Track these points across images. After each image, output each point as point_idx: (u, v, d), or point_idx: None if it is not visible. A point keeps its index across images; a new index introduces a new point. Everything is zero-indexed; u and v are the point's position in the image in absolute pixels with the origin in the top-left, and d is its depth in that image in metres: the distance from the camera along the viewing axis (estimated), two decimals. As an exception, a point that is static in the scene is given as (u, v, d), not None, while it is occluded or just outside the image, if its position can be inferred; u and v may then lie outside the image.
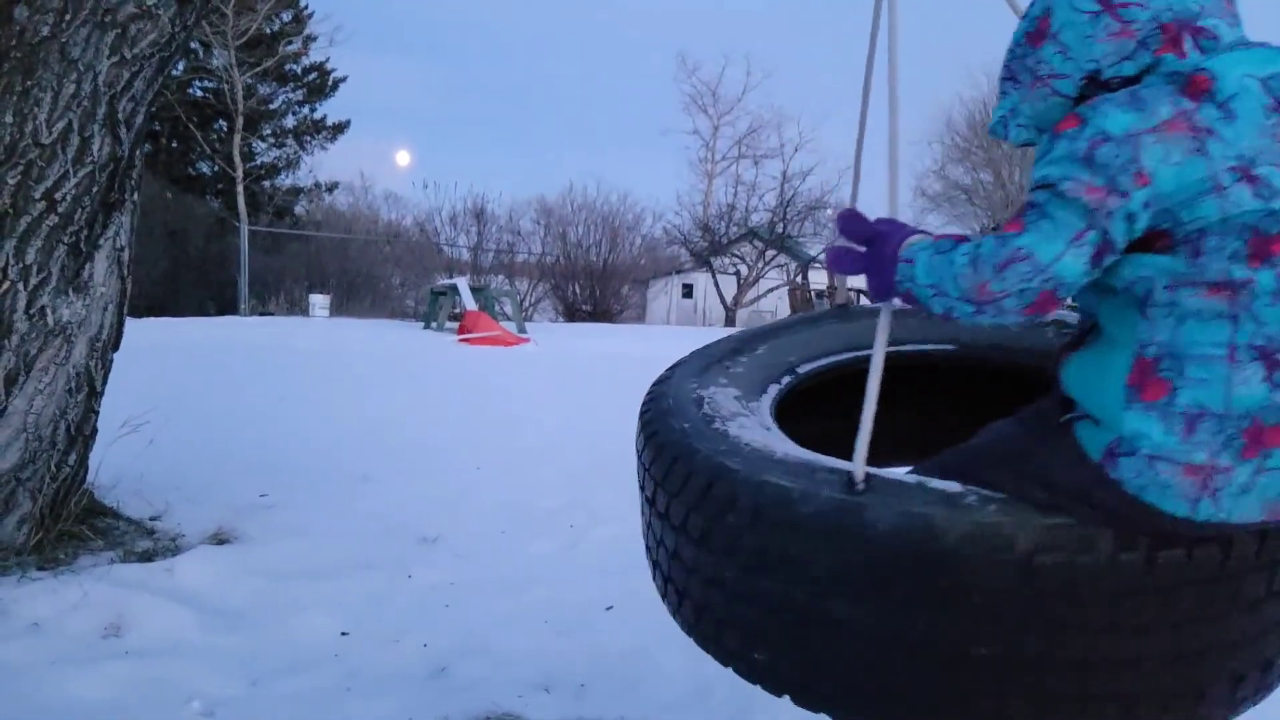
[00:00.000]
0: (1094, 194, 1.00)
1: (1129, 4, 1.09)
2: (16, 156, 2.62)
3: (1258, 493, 1.02)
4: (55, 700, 2.06)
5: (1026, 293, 1.03)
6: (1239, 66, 1.05)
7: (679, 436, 1.51)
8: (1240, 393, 1.00)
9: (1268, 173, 1.00)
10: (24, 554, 2.77)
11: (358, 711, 2.09)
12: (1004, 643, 1.10)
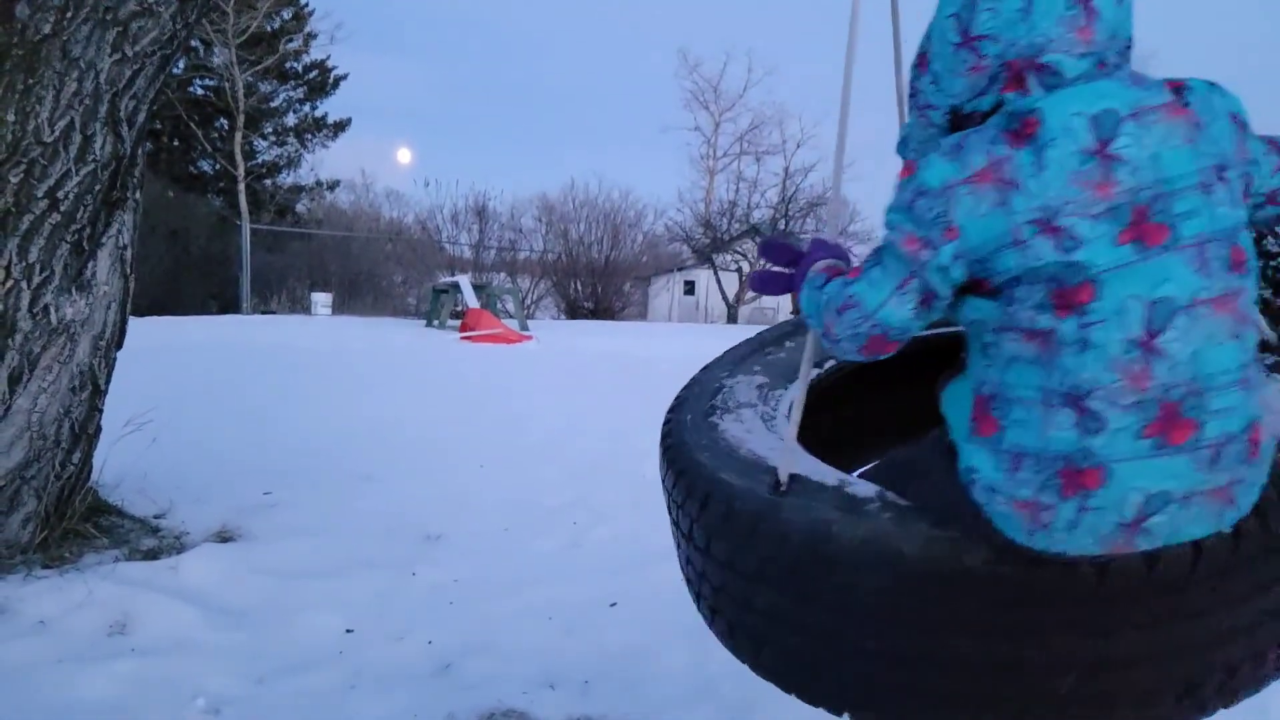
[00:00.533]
0: (912, 245, 1.06)
1: (983, 37, 1.09)
2: (19, 155, 2.62)
3: (1086, 529, 1.03)
4: (61, 699, 2.06)
5: (858, 336, 1.12)
6: (1071, 104, 1.04)
7: (678, 428, 1.59)
8: (1053, 436, 1.02)
9: (1071, 224, 1.00)
10: (29, 552, 2.78)
11: (363, 709, 2.09)
12: (890, 639, 1.18)
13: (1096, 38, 1.07)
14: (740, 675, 2.30)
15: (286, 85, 25.43)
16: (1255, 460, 1.04)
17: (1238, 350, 1.01)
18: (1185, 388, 0.99)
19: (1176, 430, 0.99)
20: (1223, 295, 1.00)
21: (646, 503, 3.87)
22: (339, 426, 5.40)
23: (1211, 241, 1.00)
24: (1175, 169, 1.01)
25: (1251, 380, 1.02)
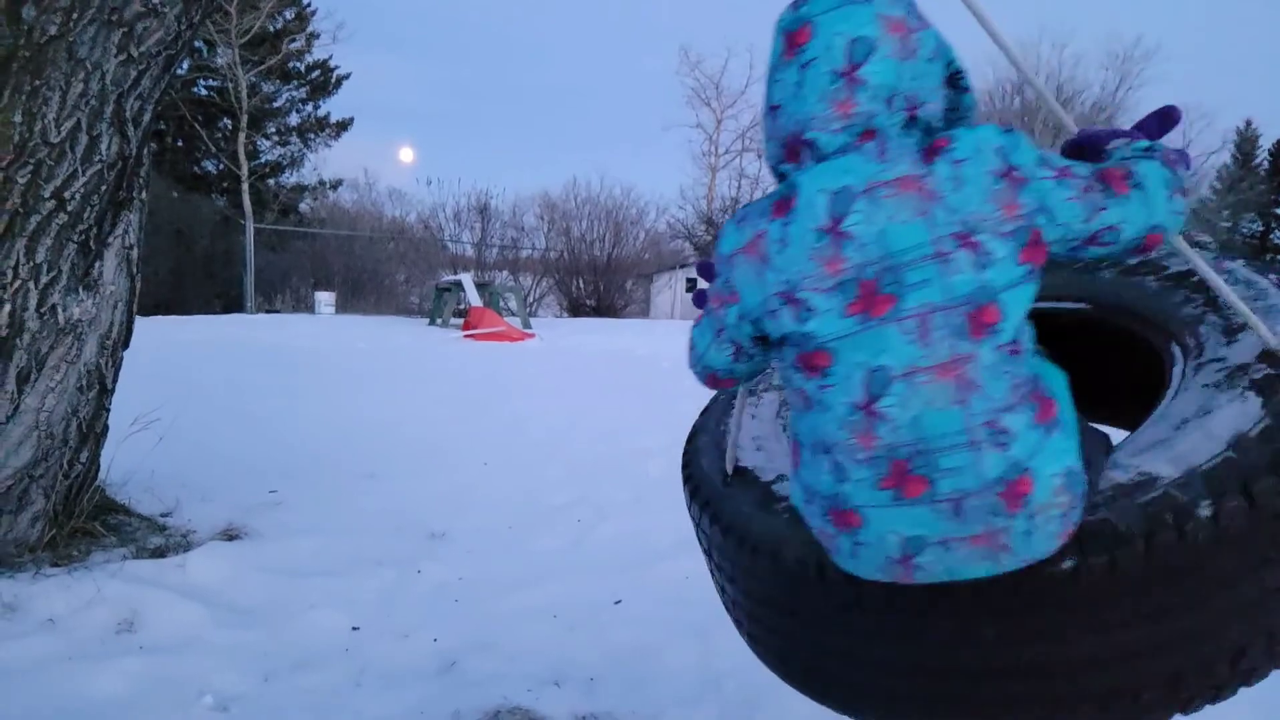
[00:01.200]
0: (716, 303, 1.22)
1: (776, 108, 1.16)
2: (26, 156, 2.63)
3: (866, 559, 1.12)
4: (71, 696, 2.08)
5: (698, 372, 1.31)
6: (818, 181, 1.10)
7: (701, 417, 1.77)
8: (821, 479, 1.13)
9: (807, 296, 1.09)
10: (38, 551, 2.79)
11: (370, 706, 2.11)
12: (783, 623, 1.39)
13: (860, 109, 1.09)
14: (744, 672, 2.31)
15: (289, 85, 25.44)
16: (1019, 512, 1.05)
17: (962, 415, 1.04)
18: (911, 448, 1.06)
19: (910, 485, 1.07)
20: (946, 363, 1.04)
21: (649, 500, 3.88)
22: (342, 425, 5.42)
23: (939, 311, 1.04)
24: (904, 242, 1.05)
25: (987, 441, 1.04)
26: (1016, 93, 25.88)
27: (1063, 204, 1.06)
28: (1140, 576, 1.08)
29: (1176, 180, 1.10)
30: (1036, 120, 24.88)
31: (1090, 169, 1.09)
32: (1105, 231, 1.07)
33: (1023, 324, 1.07)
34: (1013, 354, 1.05)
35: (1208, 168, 27.12)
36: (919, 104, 1.11)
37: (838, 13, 1.10)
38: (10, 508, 2.76)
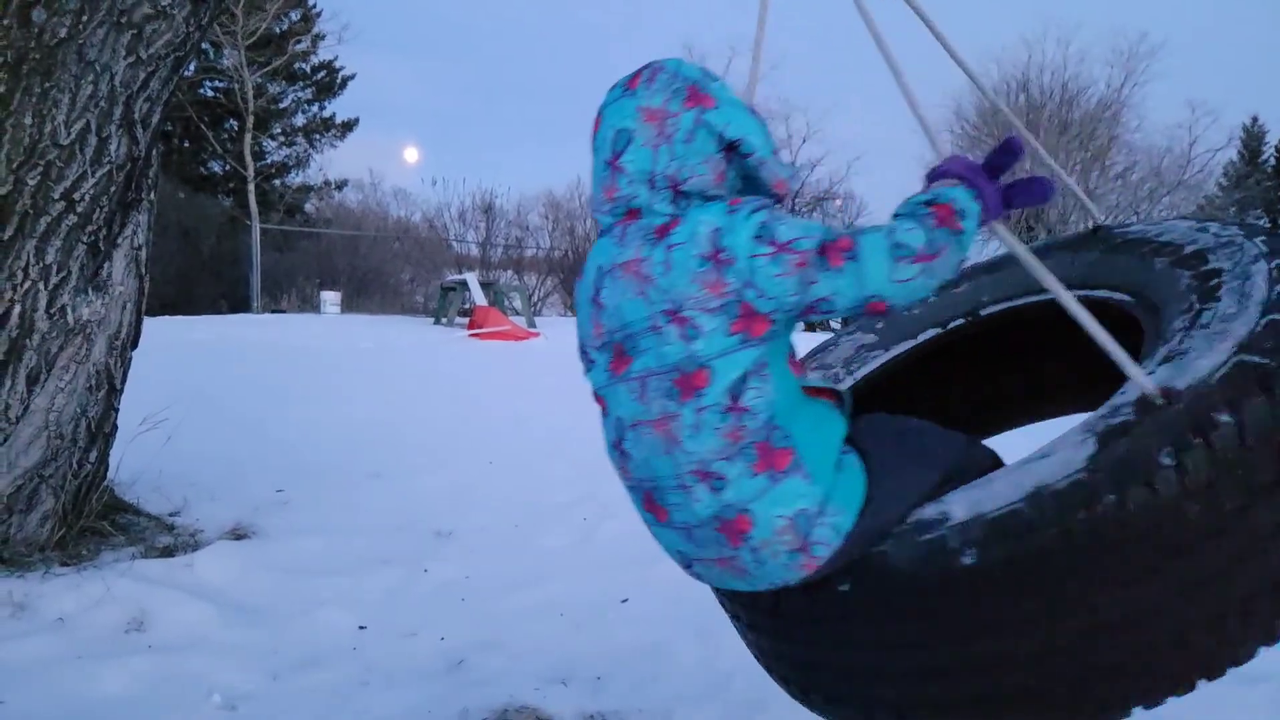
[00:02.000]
0: None
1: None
2: (36, 157, 2.65)
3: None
4: (81, 694, 2.09)
5: None
6: (595, 258, 1.32)
7: None
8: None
9: (590, 351, 1.33)
10: (47, 550, 2.81)
11: (378, 705, 2.12)
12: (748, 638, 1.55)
13: (620, 193, 1.28)
14: (752, 671, 2.32)
15: (295, 86, 25.49)
16: (740, 547, 1.21)
17: (671, 462, 1.23)
18: (650, 483, 1.28)
19: (657, 512, 1.29)
20: (659, 419, 1.22)
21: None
22: (348, 424, 5.43)
23: (654, 375, 1.22)
24: (631, 315, 1.24)
25: (698, 485, 1.21)
26: (1021, 90, 25.81)
27: (771, 280, 1.16)
28: (901, 607, 1.18)
29: (914, 246, 1.12)
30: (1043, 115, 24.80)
31: (818, 241, 1.16)
32: (819, 302, 1.16)
33: (744, 384, 1.18)
34: (727, 411, 1.18)
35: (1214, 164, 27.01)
36: (681, 180, 1.25)
37: (614, 106, 1.30)
38: (20, 507, 2.78)
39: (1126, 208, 25.70)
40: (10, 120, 2.61)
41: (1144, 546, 1.05)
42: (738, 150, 1.26)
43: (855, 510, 1.19)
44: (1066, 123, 24.94)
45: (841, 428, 1.26)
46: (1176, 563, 1.06)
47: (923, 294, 1.15)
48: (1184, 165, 25.94)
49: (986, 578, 1.10)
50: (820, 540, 1.18)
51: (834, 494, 1.19)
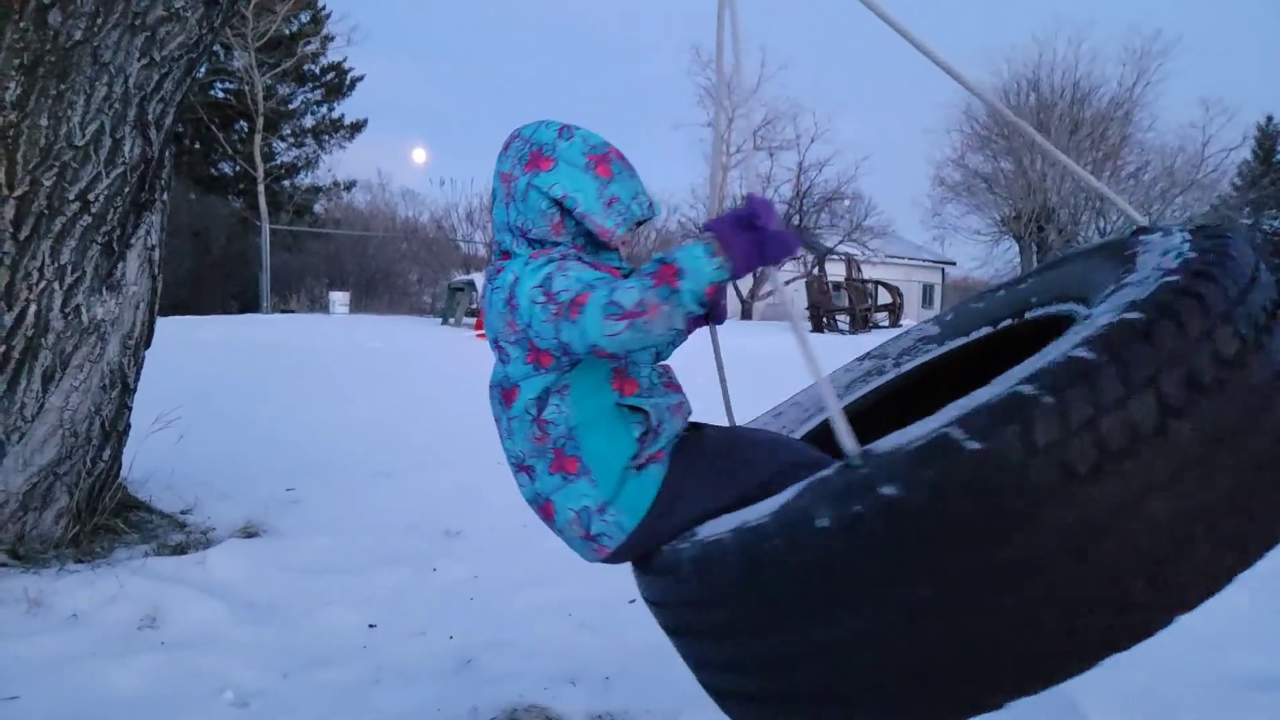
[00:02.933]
0: None
1: None
2: (51, 159, 2.67)
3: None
4: (95, 691, 2.11)
5: None
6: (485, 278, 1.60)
7: None
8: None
9: (504, 345, 1.48)
10: (62, 547, 2.84)
11: (388, 703, 2.13)
12: None
13: (495, 237, 1.57)
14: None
15: (304, 87, 25.61)
16: (553, 528, 1.55)
17: (509, 453, 1.54)
18: (513, 459, 1.56)
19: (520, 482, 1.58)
20: (497, 419, 1.54)
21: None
22: (357, 424, 5.46)
23: (494, 386, 1.54)
24: (489, 334, 1.54)
25: (522, 472, 1.53)
26: (1032, 88, 25.69)
27: (541, 324, 1.38)
28: (690, 600, 1.32)
29: (625, 305, 1.25)
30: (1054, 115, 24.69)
31: (573, 295, 1.34)
32: (567, 345, 1.36)
33: (545, 401, 1.44)
34: (532, 420, 1.46)
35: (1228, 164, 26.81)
36: (527, 230, 1.51)
37: (496, 165, 1.58)
38: (35, 504, 2.80)
39: (1138, 208, 25.55)
40: (26, 122, 2.64)
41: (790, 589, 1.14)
42: (563, 206, 1.49)
43: (640, 512, 1.44)
44: (1078, 122, 24.80)
45: (630, 445, 1.45)
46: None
47: (640, 345, 1.29)
48: (1197, 165, 25.75)
49: (694, 593, 1.29)
50: (603, 533, 1.46)
51: (617, 498, 1.44)
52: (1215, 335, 1.06)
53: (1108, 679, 2.23)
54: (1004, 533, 1.02)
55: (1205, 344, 1.05)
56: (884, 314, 15.84)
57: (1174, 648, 2.39)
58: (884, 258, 25.34)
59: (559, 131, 1.53)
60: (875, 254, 24.04)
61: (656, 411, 1.45)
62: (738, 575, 1.18)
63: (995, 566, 1.03)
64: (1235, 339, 1.07)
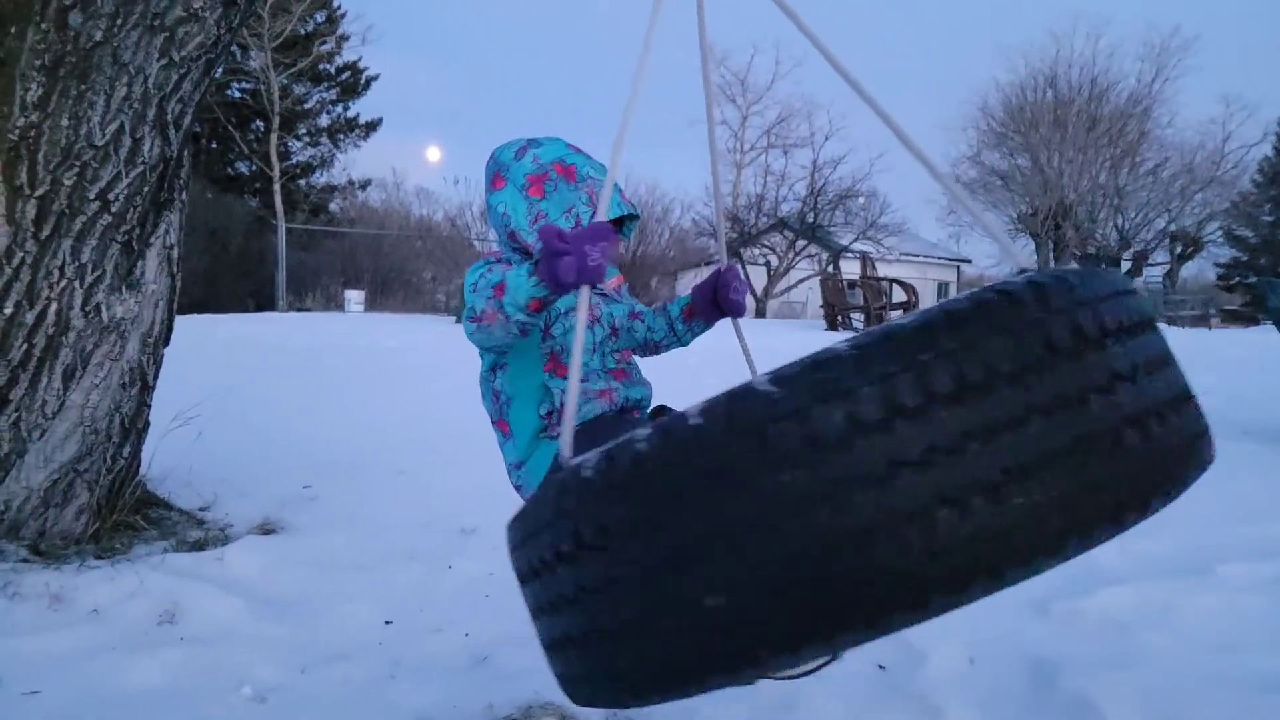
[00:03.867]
0: None
1: None
2: (72, 158, 2.70)
3: None
4: (115, 686, 2.13)
5: None
6: None
7: None
8: None
9: None
10: (82, 543, 2.87)
11: (404, 699, 2.13)
12: None
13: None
14: (776, 670, 2.29)
15: (320, 87, 25.76)
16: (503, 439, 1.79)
17: (485, 409, 1.84)
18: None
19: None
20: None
21: (679, 498, 3.87)
22: (373, 421, 5.48)
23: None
24: None
25: (494, 428, 1.80)
26: (1049, 85, 25.47)
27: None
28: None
29: (476, 310, 1.50)
30: (1071, 111, 24.47)
31: (469, 295, 1.56)
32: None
33: (493, 373, 1.76)
34: (489, 387, 1.79)
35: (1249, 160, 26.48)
36: (499, 239, 1.77)
37: None
38: (56, 501, 2.83)
39: (1157, 204, 25.30)
40: (48, 122, 2.66)
41: None
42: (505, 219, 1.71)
43: (542, 472, 1.68)
44: (1095, 118, 24.57)
45: (538, 419, 1.71)
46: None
47: (489, 343, 1.57)
48: (1217, 161, 25.46)
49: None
50: (519, 485, 1.76)
51: (529, 459, 1.72)
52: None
53: (1126, 680, 2.22)
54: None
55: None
56: (898, 312, 15.77)
57: (1192, 649, 2.37)
58: (899, 255, 25.24)
59: (516, 151, 1.71)
60: (890, 251, 23.93)
61: (563, 395, 1.67)
62: (555, 504, 1.14)
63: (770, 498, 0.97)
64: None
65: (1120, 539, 2.25)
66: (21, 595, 2.47)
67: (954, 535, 0.85)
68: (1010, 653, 2.42)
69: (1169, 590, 2.76)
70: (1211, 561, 2.96)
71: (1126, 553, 3.09)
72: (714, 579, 0.87)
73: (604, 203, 1.19)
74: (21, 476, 2.76)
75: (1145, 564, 3.00)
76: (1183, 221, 25.84)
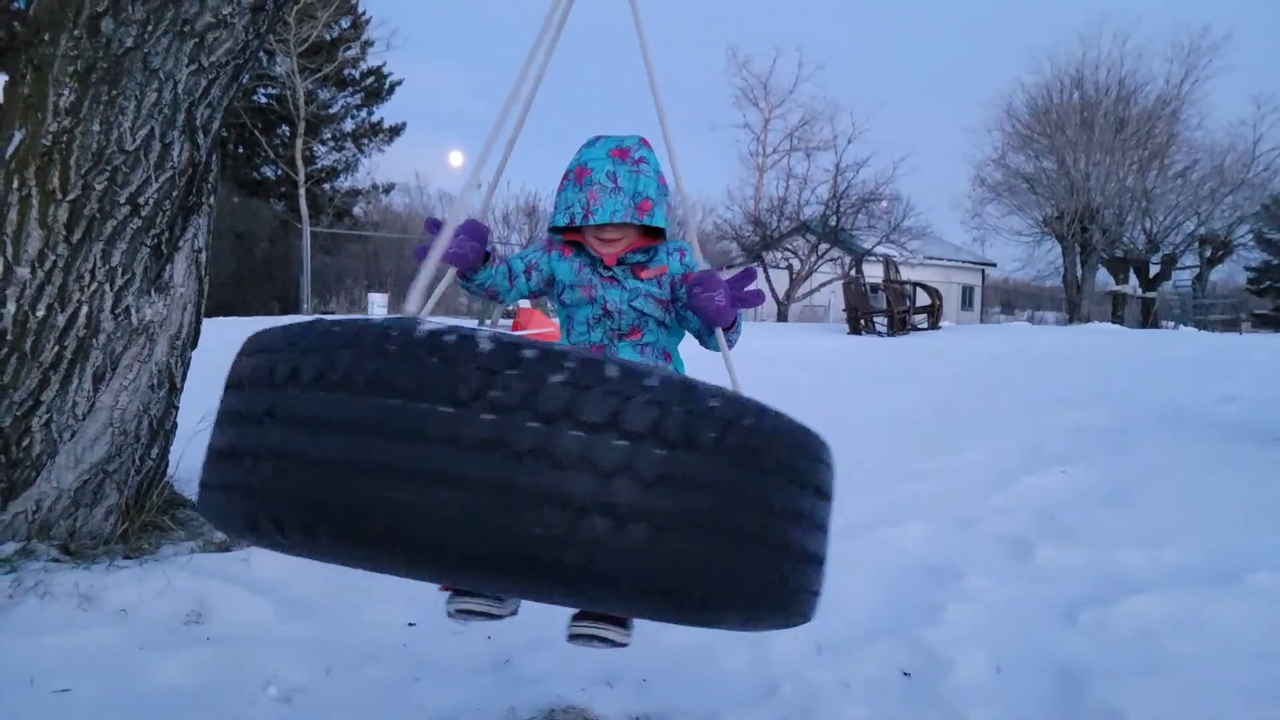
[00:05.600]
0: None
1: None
2: (103, 163, 2.74)
3: None
4: (143, 684, 2.15)
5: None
6: None
7: None
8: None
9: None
10: (111, 543, 2.90)
11: (428, 701, 2.14)
12: None
13: None
14: (802, 678, 2.30)
15: (344, 92, 26.02)
16: None
17: None
18: None
19: None
20: None
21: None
22: (398, 424, 5.50)
23: None
24: None
25: None
26: (1075, 86, 25.18)
27: None
28: None
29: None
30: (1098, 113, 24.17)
31: None
32: None
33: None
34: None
35: (1280, 163, 25.99)
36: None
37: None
38: (86, 501, 2.87)
39: (1186, 207, 24.92)
40: (80, 128, 2.70)
41: None
42: None
43: None
44: (1123, 120, 24.24)
45: None
46: None
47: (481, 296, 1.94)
48: (1248, 164, 25.01)
49: None
50: None
51: None
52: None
53: (1155, 688, 2.18)
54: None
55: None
56: (922, 316, 15.64)
57: (1222, 658, 2.33)
58: (923, 259, 25.04)
59: (580, 147, 1.91)
60: (914, 255, 23.75)
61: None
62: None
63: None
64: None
65: (1147, 547, 2.28)
66: (52, 595, 2.50)
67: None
68: (1037, 662, 2.39)
69: (1198, 599, 2.71)
70: (1240, 569, 2.91)
71: (1154, 561, 3.05)
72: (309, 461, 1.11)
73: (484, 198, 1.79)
74: (52, 477, 2.81)
75: (1173, 572, 2.95)
76: (1212, 225, 25.44)
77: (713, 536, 1.14)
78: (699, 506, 1.12)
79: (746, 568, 1.19)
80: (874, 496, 3.96)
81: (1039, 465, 4.49)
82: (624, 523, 1.07)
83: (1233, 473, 4.21)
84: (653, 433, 1.08)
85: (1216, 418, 5.63)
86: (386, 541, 1.11)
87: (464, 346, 1.10)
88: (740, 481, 1.16)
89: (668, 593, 1.14)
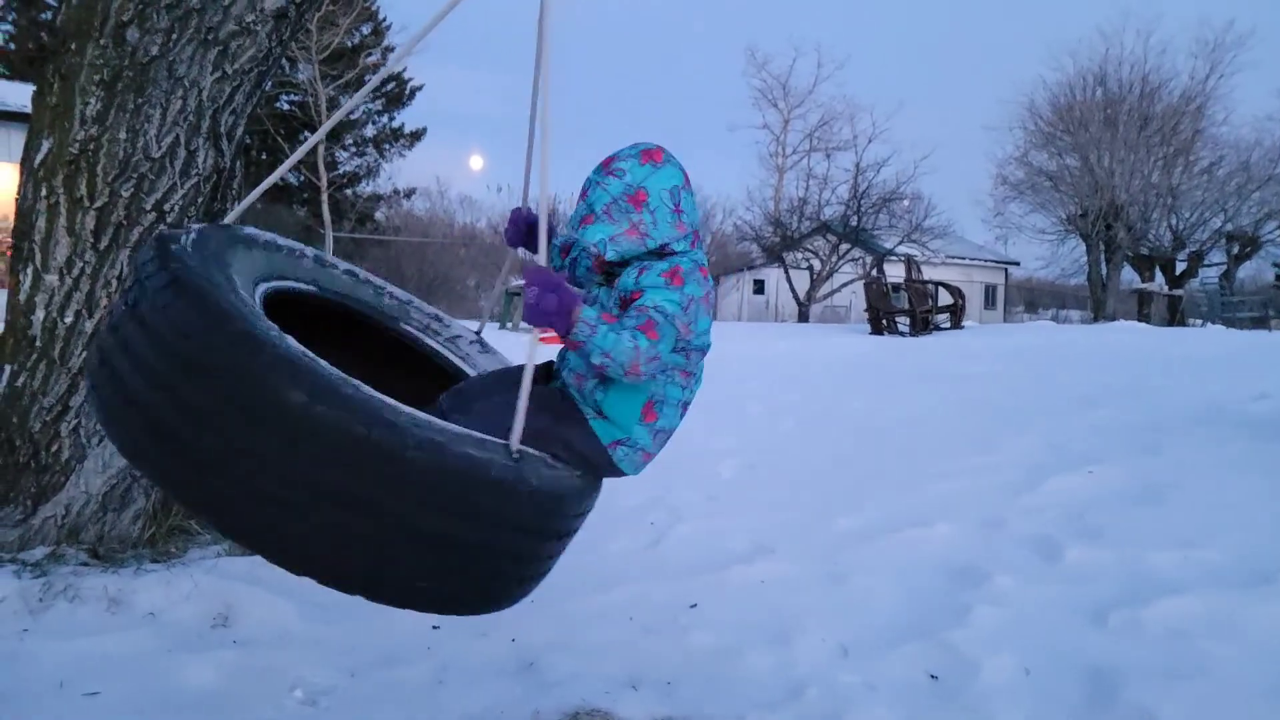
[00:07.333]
0: (684, 328, 1.85)
1: (684, 212, 1.93)
2: (130, 170, 2.77)
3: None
4: (171, 686, 2.17)
5: (652, 371, 1.79)
6: (700, 259, 1.98)
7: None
8: (676, 421, 1.99)
9: (705, 323, 1.93)
10: (139, 547, 2.93)
11: (452, 704, 2.14)
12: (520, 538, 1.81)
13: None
14: (828, 680, 2.27)
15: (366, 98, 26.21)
16: None
17: None
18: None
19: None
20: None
21: (723, 502, 3.86)
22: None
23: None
24: None
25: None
26: (1098, 83, 24.88)
27: None
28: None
29: None
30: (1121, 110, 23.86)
31: None
32: None
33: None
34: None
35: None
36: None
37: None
38: (114, 505, 2.91)
39: (1213, 204, 24.53)
40: (106, 136, 2.74)
41: None
42: None
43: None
44: (1147, 117, 23.91)
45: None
46: None
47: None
48: (1275, 159, 24.56)
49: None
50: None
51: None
52: None
53: (1188, 690, 2.14)
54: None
55: None
56: (945, 315, 15.49)
57: (1257, 660, 2.28)
58: (945, 258, 24.81)
59: None
60: (936, 254, 23.54)
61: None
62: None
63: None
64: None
65: (1179, 547, 2.27)
66: (81, 598, 2.53)
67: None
68: (1067, 663, 2.35)
69: (1232, 600, 2.66)
70: (1274, 571, 2.85)
71: (1186, 562, 2.99)
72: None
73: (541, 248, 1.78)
74: (81, 482, 2.84)
75: (1206, 573, 2.90)
76: (1239, 221, 24.99)
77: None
78: None
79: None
80: (900, 497, 3.92)
81: (1067, 465, 4.43)
82: None
83: (1267, 472, 4.13)
84: None
85: (1249, 416, 5.53)
86: None
87: None
88: None
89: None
